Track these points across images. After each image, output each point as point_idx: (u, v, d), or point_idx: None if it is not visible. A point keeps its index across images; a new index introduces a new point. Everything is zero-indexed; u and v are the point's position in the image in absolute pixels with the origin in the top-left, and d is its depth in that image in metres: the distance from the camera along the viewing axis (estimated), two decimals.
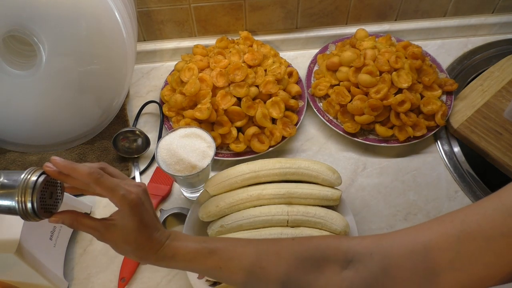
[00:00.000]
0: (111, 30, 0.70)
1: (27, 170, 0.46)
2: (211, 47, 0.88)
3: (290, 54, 0.98)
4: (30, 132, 0.77)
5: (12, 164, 0.79)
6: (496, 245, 0.37)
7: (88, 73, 0.72)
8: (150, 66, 0.97)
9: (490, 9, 0.98)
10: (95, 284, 0.67)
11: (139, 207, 0.48)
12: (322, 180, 0.68)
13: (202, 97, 0.78)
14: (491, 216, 0.38)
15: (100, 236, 0.49)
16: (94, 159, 0.80)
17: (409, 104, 0.78)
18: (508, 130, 0.81)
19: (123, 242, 0.49)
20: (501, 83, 0.88)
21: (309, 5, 0.92)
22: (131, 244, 0.49)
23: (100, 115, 0.79)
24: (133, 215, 0.48)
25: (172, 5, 0.88)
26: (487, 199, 0.41)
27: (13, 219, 0.53)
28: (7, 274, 0.58)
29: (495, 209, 0.39)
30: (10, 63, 0.69)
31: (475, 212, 0.40)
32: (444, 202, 0.75)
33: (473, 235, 0.39)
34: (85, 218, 0.49)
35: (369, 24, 0.97)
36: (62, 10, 0.66)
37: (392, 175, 0.78)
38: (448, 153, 0.81)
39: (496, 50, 0.97)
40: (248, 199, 0.67)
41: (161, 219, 0.72)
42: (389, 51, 0.82)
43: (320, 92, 0.85)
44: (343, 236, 0.63)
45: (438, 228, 0.42)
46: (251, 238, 0.64)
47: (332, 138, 0.84)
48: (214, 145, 0.66)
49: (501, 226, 0.37)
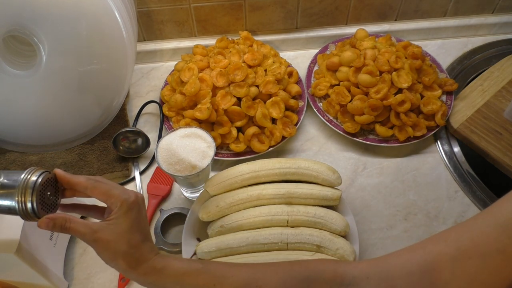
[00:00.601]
0: (111, 30, 0.70)
1: (27, 170, 0.46)
2: (211, 47, 0.88)
3: (290, 54, 0.98)
4: (30, 132, 0.77)
5: (12, 164, 0.79)
6: (492, 262, 0.37)
7: (88, 73, 0.72)
8: (150, 66, 0.97)
9: (490, 9, 0.98)
10: (95, 284, 0.67)
11: (136, 208, 0.48)
12: (322, 180, 0.68)
13: (202, 97, 0.78)
14: (485, 232, 0.38)
15: (92, 234, 0.46)
16: (94, 159, 0.80)
17: (409, 104, 0.78)
18: (508, 130, 0.81)
19: (115, 242, 0.47)
20: (501, 83, 0.88)
21: (309, 5, 0.92)
22: (122, 245, 0.47)
23: (100, 115, 0.79)
24: (130, 214, 0.47)
25: (172, 5, 0.88)
26: (479, 216, 0.40)
27: (13, 219, 0.53)
28: (7, 274, 0.58)
29: (488, 226, 0.38)
30: (10, 63, 0.69)
31: (469, 229, 0.40)
32: (444, 202, 0.75)
33: (468, 254, 0.38)
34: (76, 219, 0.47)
35: (369, 24, 0.97)
36: (62, 10, 0.66)
37: (392, 175, 0.78)
38: (448, 153, 0.81)
39: (496, 50, 0.97)
40: (248, 199, 0.67)
41: (161, 219, 0.72)
42: (389, 51, 0.82)
43: (320, 92, 0.85)
44: (339, 260, 0.61)
45: (433, 248, 0.41)
46: (250, 238, 0.64)
47: (332, 138, 0.84)
48: (214, 145, 0.66)
49: (495, 242, 0.37)
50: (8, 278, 0.59)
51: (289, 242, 0.63)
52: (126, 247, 0.47)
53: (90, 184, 0.48)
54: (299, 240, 0.63)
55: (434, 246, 0.41)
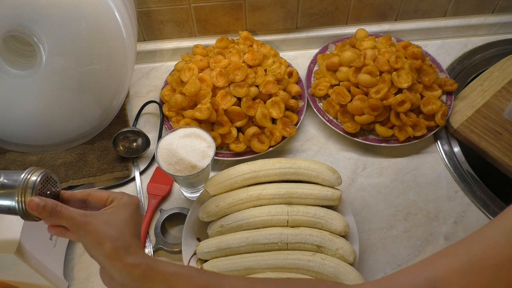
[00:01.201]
0: (111, 30, 0.70)
1: (27, 170, 0.46)
2: (211, 47, 0.88)
3: (290, 54, 0.98)
4: (30, 132, 0.77)
5: (12, 164, 0.79)
6: (505, 273, 0.35)
7: (88, 73, 0.72)
8: (150, 66, 0.97)
9: (490, 9, 0.98)
10: (95, 284, 0.67)
11: (135, 207, 0.49)
12: (322, 180, 0.68)
13: (202, 97, 0.78)
14: (497, 242, 0.36)
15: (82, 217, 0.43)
16: (94, 159, 0.80)
17: (409, 104, 0.78)
18: (508, 130, 0.81)
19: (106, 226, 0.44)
20: (501, 83, 0.88)
21: (309, 5, 0.92)
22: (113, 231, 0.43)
23: (100, 115, 0.79)
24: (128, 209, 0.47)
25: (172, 5, 0.88)
26: (489, 225, 0.39)
27: (13, 219, 0.53)
28: (7, 274, 0.58)
29: (499, 234, 0.37)
30: (10, 63, 0.69)
31: (479, 240, 0.38)
32: (444, 202, 0.75)
33: (480, 265, 0.36)
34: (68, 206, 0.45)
35: (369, 24, 0.97)
36: (62, 10, 0.66)
37: (392, 175, 0.78)
38: (448, 153, 0.81)
39: (496, 50, 0.97)
40: (248, 199, 0.67)
41: (161, 219, 0.72)
42: (389, 51, 0.82)
43: (320, 92, 0.85)
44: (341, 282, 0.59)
45: (442, 261, 0.39)
46: (250, 238, 0.64)
47: (332, 138, 0.84)
48: (214, 145, 0.66)
49: (508, 251, 0.36)
50: (8, 278, 0.59)
51: (289, 242, 0.63)
52: (117, 233, 0.44)
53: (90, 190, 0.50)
54: (299, 240, 0.63)
55: (443, 260, 0.40)
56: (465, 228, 0.71)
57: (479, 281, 0.36)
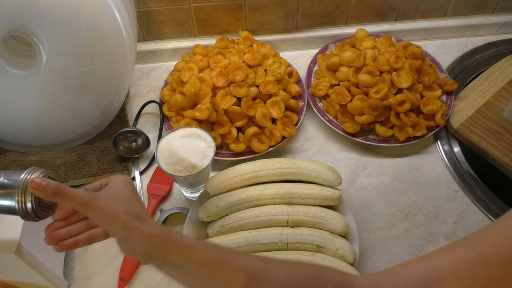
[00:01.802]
0: (111, 30, 0.70)
1: (27, 170, 0.46)
2: (211, 47, 0.88)
3: (290, 54, 0.98)
4: (30, 132, 0.77)
5: (12, 164, 0.79)
6: None
7: (88, 73, 0.72)
8: (150, 66, 0.97)
9: (490, 9, 0.98)
10: (95, 284, 0.67)
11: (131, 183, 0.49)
12: (322, 180, 0.68)
13: (202, 97, 0.78)
14: (505, 238, 0.36)
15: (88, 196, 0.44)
16: (94, 159, 0.80)
17: (409, 104, 0.78)
18: (508, 130, 0.81)
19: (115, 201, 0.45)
20: (501, 83, 0.88)
21: (309, 5, 0.92)
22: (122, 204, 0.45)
23: (100, 115, 0.79)
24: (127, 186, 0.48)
25: (172, 5, 0.88)
26: (497, 222, 0.39)
27: (13, 219, 0.53)
28: (7, 274, 0.58)
29: (508, 231, 0.37)
30: (10, 63, 0.69)
31: (487, 236, 0.38)
32: (444, 202, 0.75)
33: (488, 260, 0.36)
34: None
35: (369, 24, 0.97)
36: (62, 10, 0.66)
37: (392, 175, 0.78)
38: (448, 153, 0.81)
39: (496, 50, 0.97)
40: (248, 199, 0.67)
41: (161, 219, 0.72)
42: (389, 51, 0.82)
43: (320, 92, 0.85)
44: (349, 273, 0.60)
45: (449, 254, 0.39)
46: (250, 238, 0.64)
47: (332, 138, 0.84)
48: (214, 145, 0.66)
49: None
50: (8, 278, 0.59)
51: (289, 242, 0.63)
52: (126, 206, 0.45)
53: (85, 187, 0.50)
54: (299, 240, 0.63)
55: (450, 253, 0.39)
56: (465, 228, 0.71)
57: (486, 275, 0.36)
